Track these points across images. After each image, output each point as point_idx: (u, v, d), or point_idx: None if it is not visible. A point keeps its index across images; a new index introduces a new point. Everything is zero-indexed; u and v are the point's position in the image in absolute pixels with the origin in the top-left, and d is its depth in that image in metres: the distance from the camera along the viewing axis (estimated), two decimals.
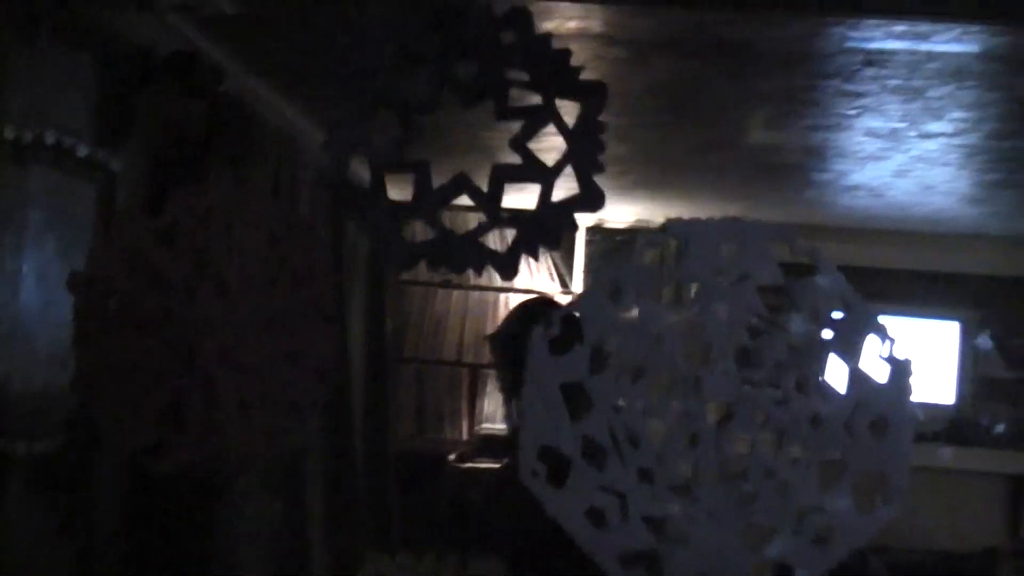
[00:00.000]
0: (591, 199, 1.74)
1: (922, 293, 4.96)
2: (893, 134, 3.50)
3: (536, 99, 1.75)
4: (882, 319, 1.71)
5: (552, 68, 1.70)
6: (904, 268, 4.94)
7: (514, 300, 4.96)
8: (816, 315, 1.71)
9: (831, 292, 1.72)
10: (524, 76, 1.75)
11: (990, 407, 4.95)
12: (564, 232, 1.75)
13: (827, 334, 1.72)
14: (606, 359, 1.74)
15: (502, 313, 5.08)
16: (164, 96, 2.69)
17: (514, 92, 1.76)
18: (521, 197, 1.85)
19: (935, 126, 3.34)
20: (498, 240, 2.60)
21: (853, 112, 3.30)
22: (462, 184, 1.75)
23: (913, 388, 1.70)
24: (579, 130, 1.73)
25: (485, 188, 1.75)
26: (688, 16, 2.39)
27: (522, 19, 1.69)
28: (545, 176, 1.74)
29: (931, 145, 3.56)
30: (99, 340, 1.75)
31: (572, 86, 1.71)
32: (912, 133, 3.46)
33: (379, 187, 1.75)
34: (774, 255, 1.75)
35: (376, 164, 1.75)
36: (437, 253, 1.76)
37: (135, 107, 2.54)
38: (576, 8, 2.31)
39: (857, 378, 1.69)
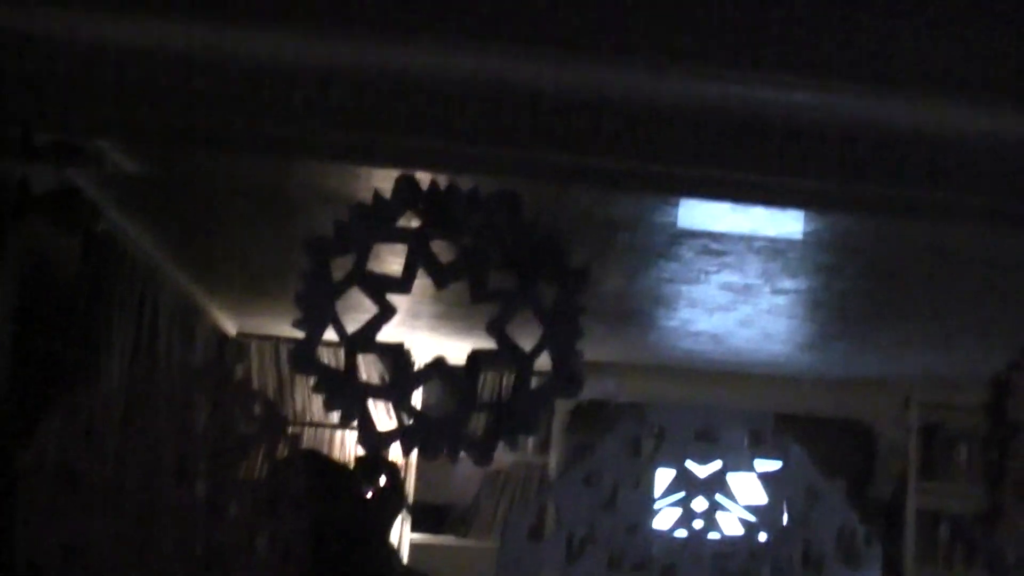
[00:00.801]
0: (569, 385, 1.72)
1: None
2: (747, 289, 3.67)
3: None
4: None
5: (537, 252, 1.69)
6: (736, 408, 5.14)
7: (351, 436, 4.82)
8: (790, 505, 1.75)
9: (799, 483, 1.76)
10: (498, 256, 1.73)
11: None
12: (541, 419, 1.72)
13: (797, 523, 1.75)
14: (583, 547, 1.71)
15: (337, 450, 4.92)
16: (38, 231, 2.51)
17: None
18: None
19: (789, 283, 3.54)
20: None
21: (714, 268, 3.44)
22: (438, 369, 1.69)
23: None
24: (558, 314, 1.72)
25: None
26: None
27: (512, 202, 1.68)
28: (522, 363, 1.71)
29: (780, 300, 3.76)
30: (47, 523, 1.57)
31: (557, 270, 1.70)
32: (766, 288, 3.64)
33: (352, 369, 1.67)
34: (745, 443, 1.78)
35: (350, 346, 1.67)
36: (411, 438, 1.68)
37: (5, 241, 2.36)
38: None
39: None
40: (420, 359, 1.71)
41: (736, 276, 3.52)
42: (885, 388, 5.19)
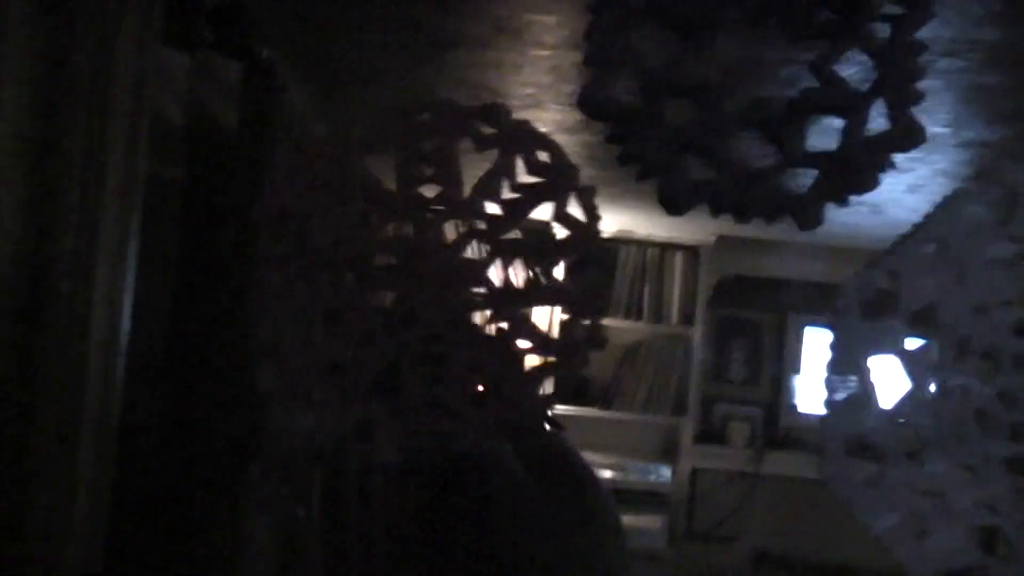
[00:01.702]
0: (908, 135, 1.43)
1: None
2: (930, 141, 3.34)
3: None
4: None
5: None
6: None
7: None
8: None
9: None
10: None
11: None
12: (877, 174, 1.43)
13: None
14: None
15: None
16: (203, 52, 2.26)
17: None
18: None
19: (985, 132, 3.21)
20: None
21: None
22: (755, 111, 1.41)
23: None
24: (893, 51, 1.43)
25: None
26: None
27: None
28: (854, 105, 1.42)
29: (965, 155, 3.43)
30: (288, 289, 1.32)
31: None
32: (952, 141, 3.32)
33: (654, 110, 1.39)
34: None
35: (650, 83, 1.39)
36: (725, 196, 1.41)
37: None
38: None
39: None
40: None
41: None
42: None
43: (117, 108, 1.16)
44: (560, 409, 4.65)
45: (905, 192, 3.82)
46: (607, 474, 4.71)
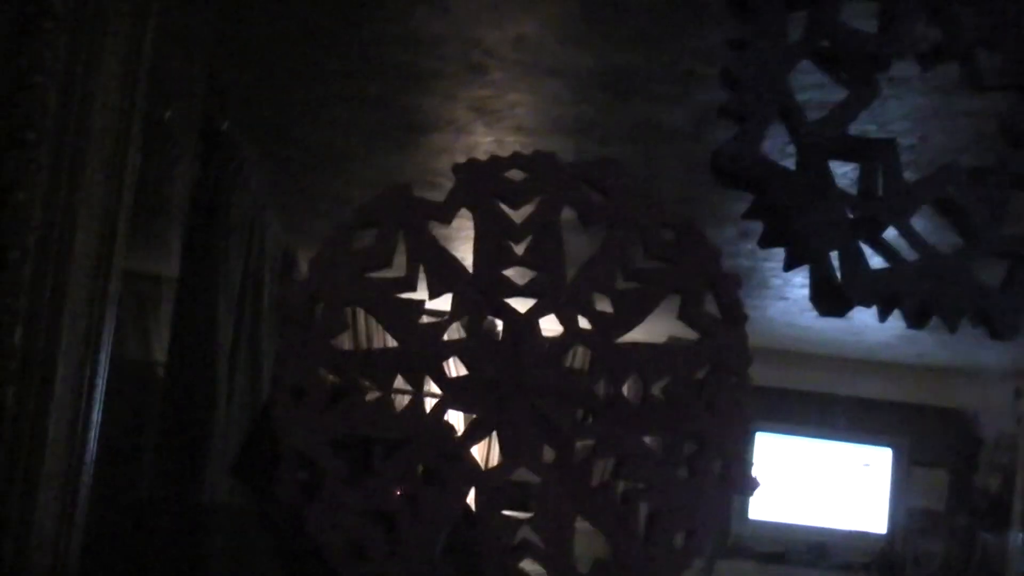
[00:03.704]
0: None
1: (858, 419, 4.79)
2: None
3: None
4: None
5: None
6: (844, 394, 4.73)
7: None
8: None
9: None
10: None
11: (922, 542, 4.74)
12: None
13: None
14: None
15: None
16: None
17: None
18: None
19: None
20: None
21: None
22: (941, 183, 1.09)
23: None
24: None
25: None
26: None
27: None
28: None
29: None
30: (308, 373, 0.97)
31: None
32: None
33: (819, 176, 1.07)
34: None
35: (814, 140, 1.06)
36: (903, 290, 1.08)
37: None
38: None
39: None
40: None
41: None
42: (994, 378, 4.81)
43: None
44: None
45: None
46: None
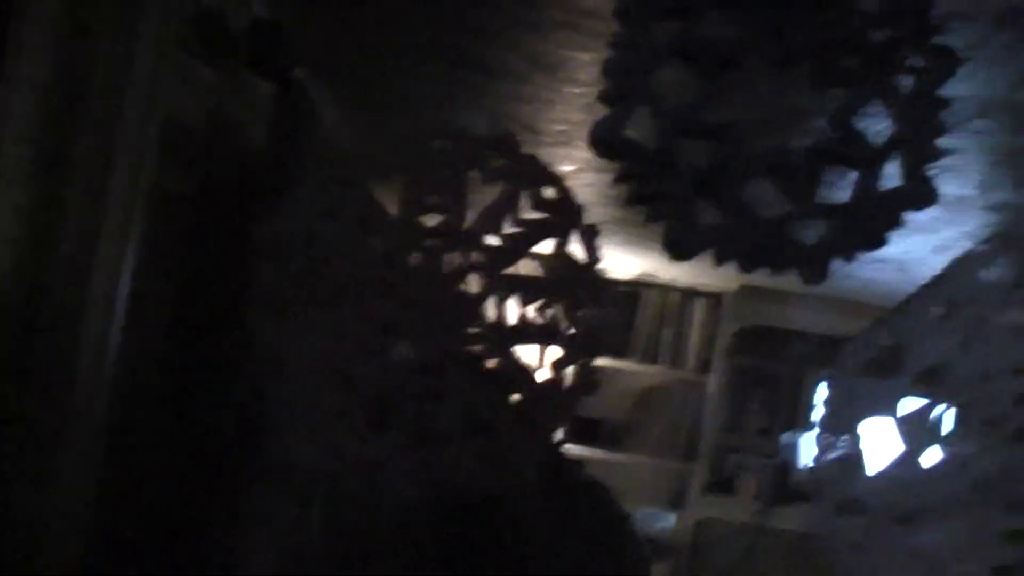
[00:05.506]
0: (920, 195, 1.41)
1: None
2: (959, 202, 3.31)
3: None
4: None
5: (912, 24, 1.38)
6: None
7: None
8: None
9: None
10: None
11: None
12: (889, 231, 1.42)
13: None
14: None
15: None
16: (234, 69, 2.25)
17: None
18: None
19: (1011, 195, 3.17)
20: None
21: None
22: (773, 159, 1.40)
23: None
24: (914, 106, 1.41)
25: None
26: None
27: None
28: (870, 160, 1.41)
29: (993, 217, 3.40)
30: (293, 314, 1.32)
31: (920, 48, 1.40)
32: (981, 203, 3.28)
33: (668, 151, 1.39)
34: None
35: (669, 123, 1.38)
36: (731, 243, 1.39)
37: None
38: None
39: None
40: None
41: (952, 185, 3.17)
42: None
43: (128, 118, 1.17)
44: (571, 449, 4.65)
45: (931, 253, 3.79)
46: None
